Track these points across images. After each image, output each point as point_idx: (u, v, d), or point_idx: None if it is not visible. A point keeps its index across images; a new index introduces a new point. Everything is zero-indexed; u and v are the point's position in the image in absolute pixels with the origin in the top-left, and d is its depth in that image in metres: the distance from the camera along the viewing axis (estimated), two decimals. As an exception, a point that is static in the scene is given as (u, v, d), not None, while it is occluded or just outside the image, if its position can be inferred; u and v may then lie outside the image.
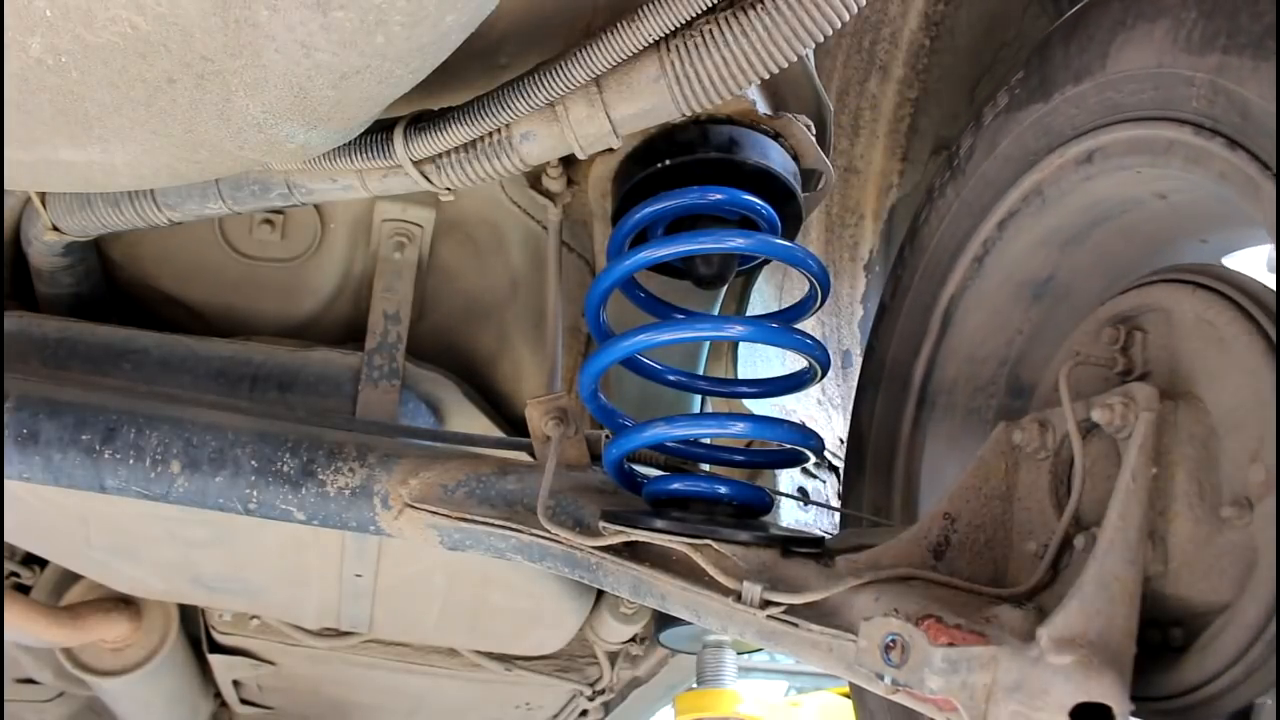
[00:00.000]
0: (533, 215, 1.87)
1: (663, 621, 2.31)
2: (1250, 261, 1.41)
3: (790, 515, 1.88)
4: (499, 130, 1.40)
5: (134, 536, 2.09)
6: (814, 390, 2.05)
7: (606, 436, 1.57)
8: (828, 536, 1.40)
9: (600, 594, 2.32)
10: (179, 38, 1.04)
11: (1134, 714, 1.09)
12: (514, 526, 1.50)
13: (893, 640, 1.10)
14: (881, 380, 1.64)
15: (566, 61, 1.30)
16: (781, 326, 1.44)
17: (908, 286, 1.61)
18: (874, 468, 1.64)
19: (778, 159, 1.48)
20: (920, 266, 1.58)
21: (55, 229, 1.70)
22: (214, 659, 2.76)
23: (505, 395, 2.03)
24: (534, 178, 1.70)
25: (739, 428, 1.49)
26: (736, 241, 1.42)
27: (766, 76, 1.26)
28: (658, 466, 1.61)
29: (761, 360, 1.92)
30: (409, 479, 1.60)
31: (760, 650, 3.56)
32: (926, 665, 1.06)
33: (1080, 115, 1.29)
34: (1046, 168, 1.36)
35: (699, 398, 1.96)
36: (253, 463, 1.63)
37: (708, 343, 1.93)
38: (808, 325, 1.86)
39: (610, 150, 1.50)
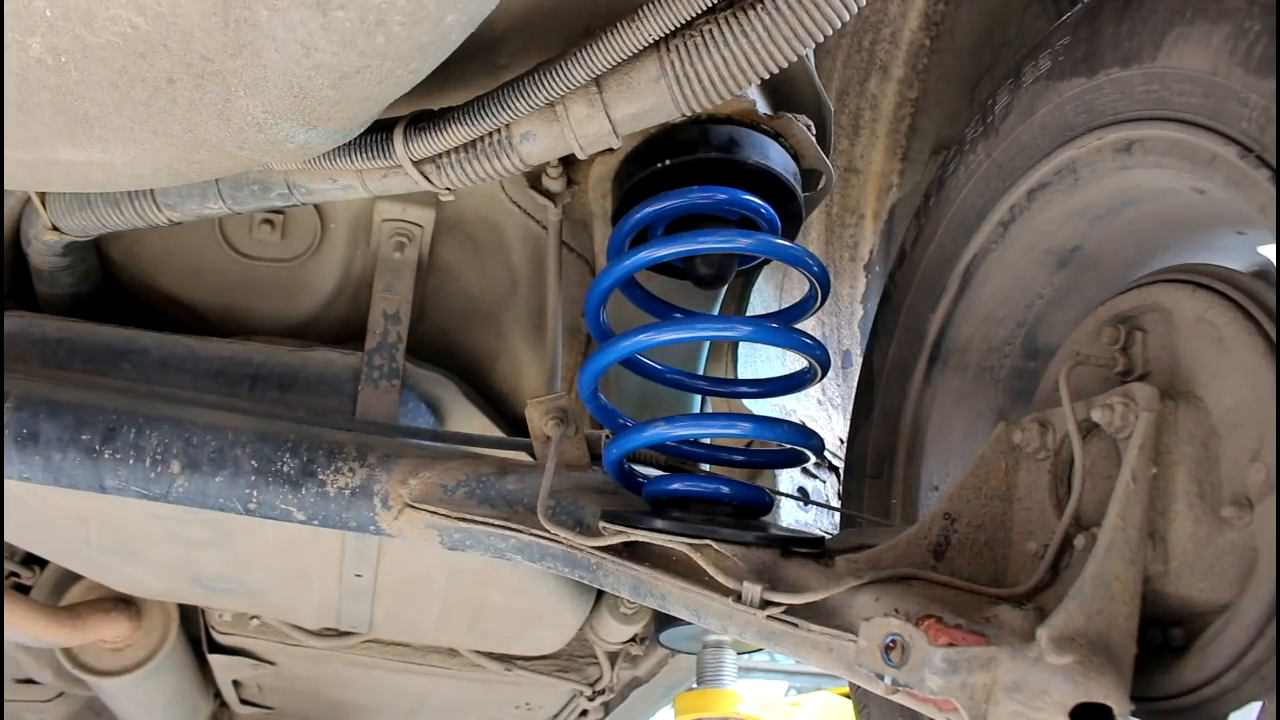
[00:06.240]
0: (533, 215, 1.87)
1: (663, 621, 2.31)
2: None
3: (790, 515, 1.88)
4: (499, 130, 1.40)
5: (134, 536, 2.09)
6: (814, 390, 2.05)
7: (606, 436, 1.57)
8: (828, 536, 1.40)
9: (600, 594, 2.32)
10: (179, 38, 1.04)
11: (1134, 714, 1.09)
12: (514, 526, 1.50)
13: (893, 640, 1.10)
14: (896, 328, 1.63)
15: (566, 61, 1.30)
16: (781, 326, 1.44)
17: (930, 238, 1.59)
18: (882, 415, 1.64)
19: (778, 159, 1.48)
20: (944, 220, 1.56)
21: (55, 229, 1.70)
22: (214, 659, 2.76)
23: (505, 395, 2.03)
24: (534, 178, 1.70)
25: (739, 428, 1.49)
26: (737, 241, 1.42)
27: (766, 76, 1.26)
28: (658, 466, 1.61)
29: (761, 360, 1.92)
30: (409, 479, 1.60)
31: (760, 650, 3.56)
32: (926, 665, 1.06)
33: (1123, 101, 1.23)
34: (1083, 146, 1.30)
35: (699, 398, 1.96)
36: (253, 463, 1.63)
37: (708, 343, 1.93)
38: (808, 325, 1.87)
39: (610, 150, 1.50)
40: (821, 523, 1.92)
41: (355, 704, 3.14)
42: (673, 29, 1.24)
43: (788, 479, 1.88)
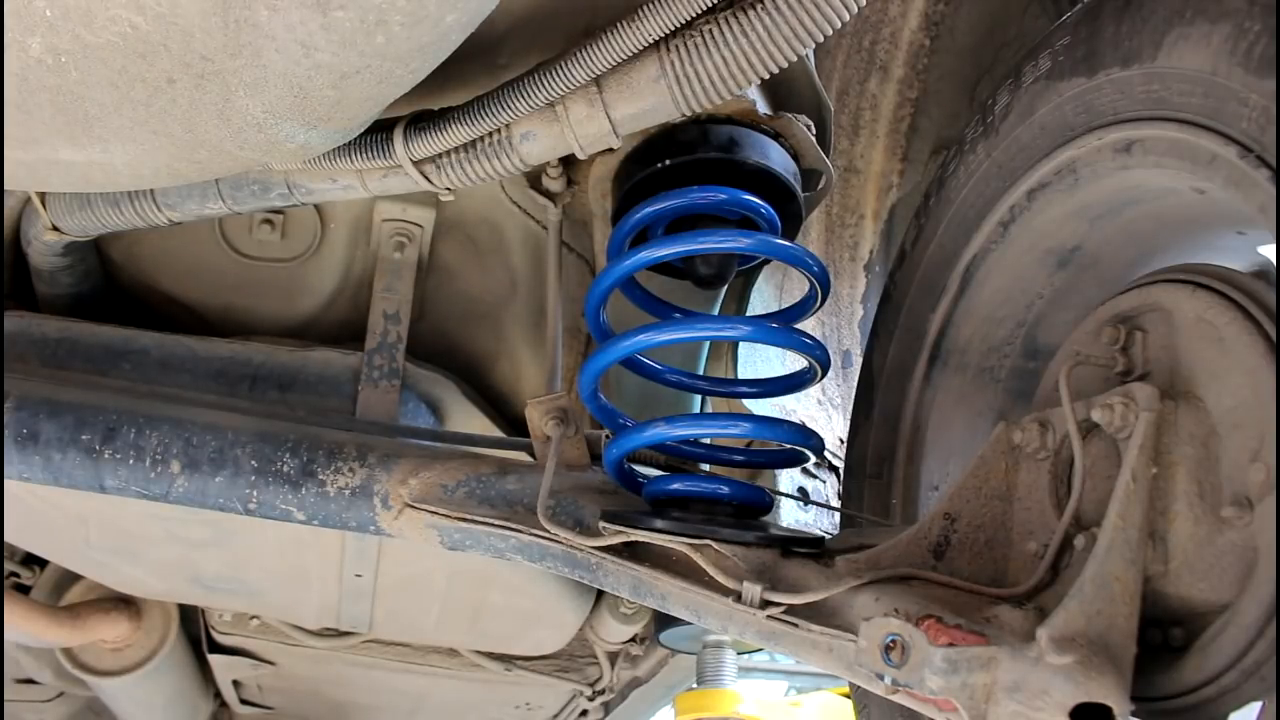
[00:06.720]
0: (533, 215, 1.87)
1: (663, 621, 2.31)
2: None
3: (790, 515, 1.88)
4: (499, 130, 1.40)
5: (134, 536, 2.09)
6: (814, 390, 2.05)
7: (606, 436, 1.57)
8: (828, 536, 1.40)
9: (600, 594, 2.32)
10: (179, 38, 1.04)
11: (1134, 714, 1.09)
12: (514, 526, 1.50)
13: (893, 640, 1.10)
14: (896, 328, 1.63)
15: (566, 61, 1.30)
16: (781, 326, 1.44)
17: (930, 238, 1.59)
18: (882, 415, 1.64)
19: (778, 159, 1.48)
20: (944, 220, 1.56)
21: (55, 229, 1.70)
22: (214, 659, 2.76)
23: (505, 395, 2.03)
24: (534, 178, 1.70)
25: (739, 428, 1.49)
26: (737, 241, 1.42)
27: (766, 76, 1.26)
28: (658, 466, 1.61)
29: (761, 360, 1.92)
30: (409, 479, 1.60)
31: (760, 650, 3.56)
32: (926, 665, 1.06)
33: (1123, 101, 1.23)
34: (1083, 146, 1.30)
35: (699, 398, 1.96)
36: (253, 463, 1.63)
37: (708, 343, 1.93)
38: (808, 325, 1.87)
39: (610, 150, 1.50)
40: (821, 523, 1.92)
41: (355, 704, 3.14)
42: (673, 29, 1.24)
43: (788, 479, 1.88)
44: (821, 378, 1.47)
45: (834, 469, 2.00)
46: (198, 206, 1.59)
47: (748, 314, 1.87)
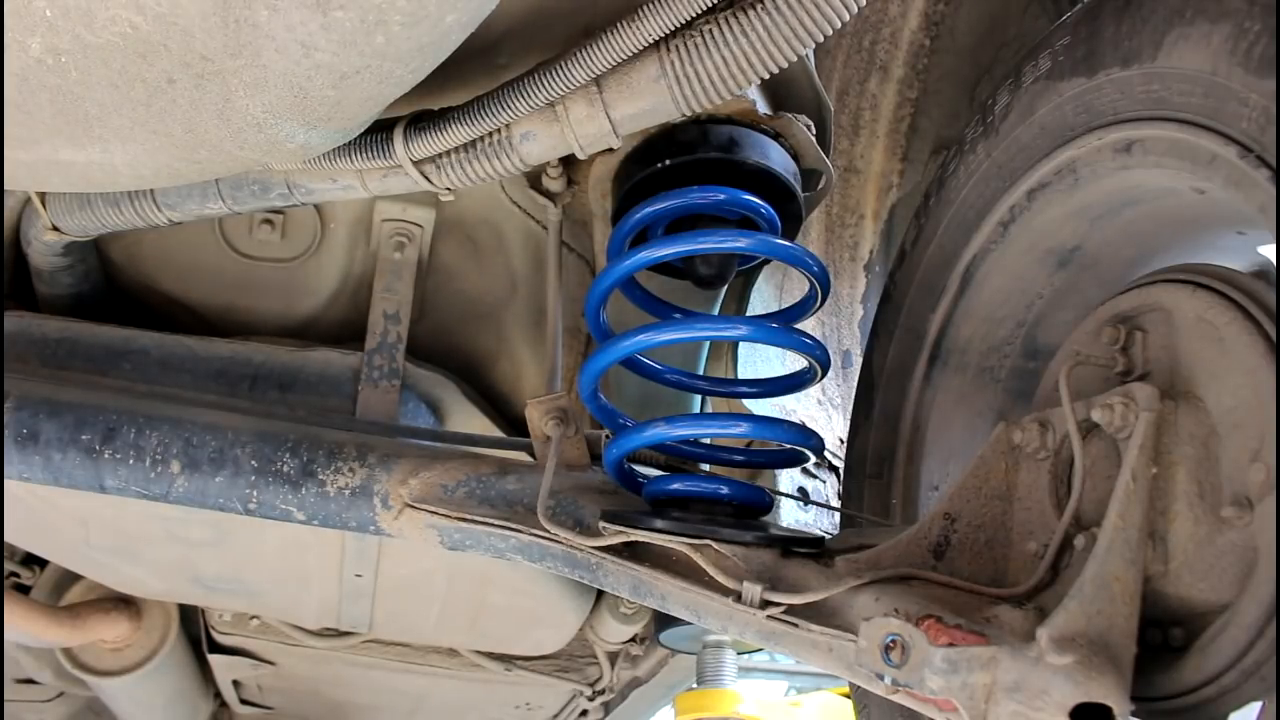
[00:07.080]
0: (533, 215, 1.87)
1: (663, 621, 2.31)
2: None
3: (790, 515, 1.88)
4: (499, 130, 1.40)
5: (134, 536, 2.09)
6: (814, 390, 2.05)
7: (606, 436, 1.57)
8: (828, 536, 1.40)
9: (600, 594, 2.32)
10: (179, 38, 1.04)
11: (1134, 714, 1.09)
12: (514, 526, 1.50)
13: (893, 640, 1.10)
14: (896, 328, 1.63)
15: (566, 61, 1.30)
16: (781, 326, 1.44)
17: (930, 238, 1.59)
18: (882, 415, 1.64)
19: (778, 159, 1.48)
20: (944, 220, 1.56)
21: (55, 229, 1.70)
22: (214, 659, 2.76)
23: (505, 395, 2.03)
24: (534, 178, 1.70)
25: (739, 428, 1.49)
26: (737, 241, 1.42)
27: (766, 76, 1.26)
28: (658, 466, 1.61)
29: (761, 360, 1.92)
30: (409, 479, 1.60)
31: (760, 650, 3.56)
32: (926, 665, 1.06)
33: (1123, 101, 1.23)
34: (1083, 146, 1.30)
35: (699, 398, 1.96)
36: (253, 463, 1.63)
37: (708, 343, 1.93)
38: (808, 325, 1.87)
39: (610, 150, 1.50)
40: (821, 523, 1.92)
41: (355, 704, 3.14)
42: (673, 29, 1.24)
43: (788, 479, 1.88)
44: (821, 378, 1.47)
45: (834, 469, 2.00)
46: (198, 206, 1.59)
47: (748, 314, 1.87)
